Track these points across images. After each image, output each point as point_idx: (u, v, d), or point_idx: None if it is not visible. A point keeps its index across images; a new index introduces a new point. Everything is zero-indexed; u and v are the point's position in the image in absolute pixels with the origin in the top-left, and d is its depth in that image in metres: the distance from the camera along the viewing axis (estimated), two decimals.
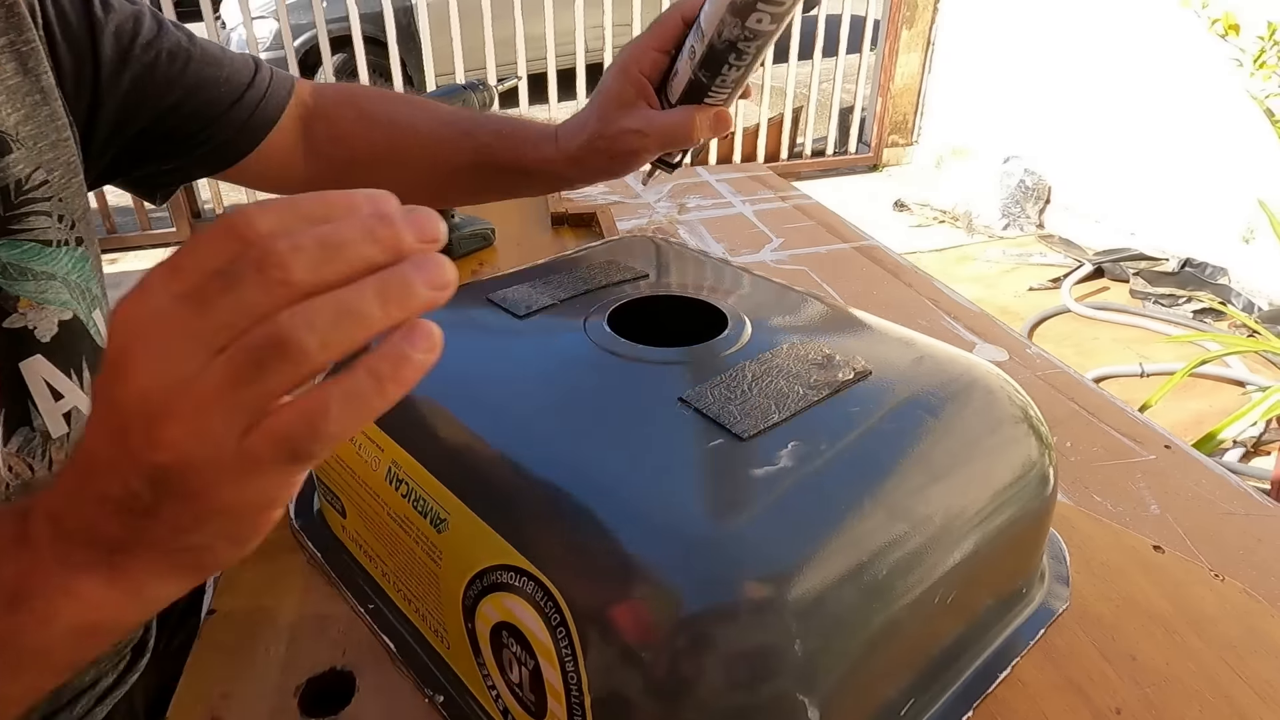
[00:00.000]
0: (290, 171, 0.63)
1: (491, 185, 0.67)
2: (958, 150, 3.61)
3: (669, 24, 0.53)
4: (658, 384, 0.40)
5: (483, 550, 0.35)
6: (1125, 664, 0.42)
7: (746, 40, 0.47)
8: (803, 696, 0.31)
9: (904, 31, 3.65)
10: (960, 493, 0.37)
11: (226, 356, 0.23)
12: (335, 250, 0.23)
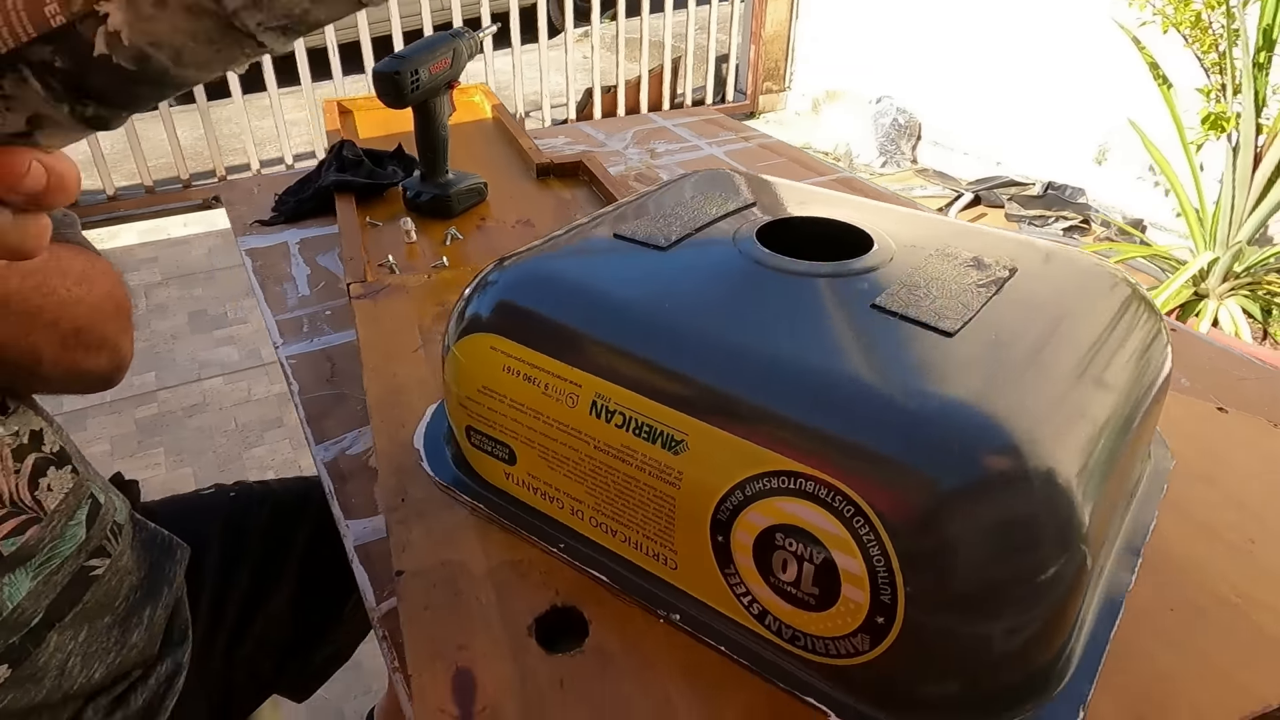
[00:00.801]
0: None
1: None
2: (831, 93, 3.75)
3: None
4: (841, 295, 0.42)
5: (739, 463, 0.36)
6: (1236, 509, 0.48)
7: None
8: (1084, 548, 0.34)
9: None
10: (1134, 360, 0.41)
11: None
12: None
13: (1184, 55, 1.81)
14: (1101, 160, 2.69)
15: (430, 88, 0.82)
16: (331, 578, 0.71)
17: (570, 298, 0.44)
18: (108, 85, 0.23)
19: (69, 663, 0.50)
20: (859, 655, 0.36)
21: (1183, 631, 0.40)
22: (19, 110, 0.24)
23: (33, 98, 0.23)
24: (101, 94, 0.24)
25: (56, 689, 0.50)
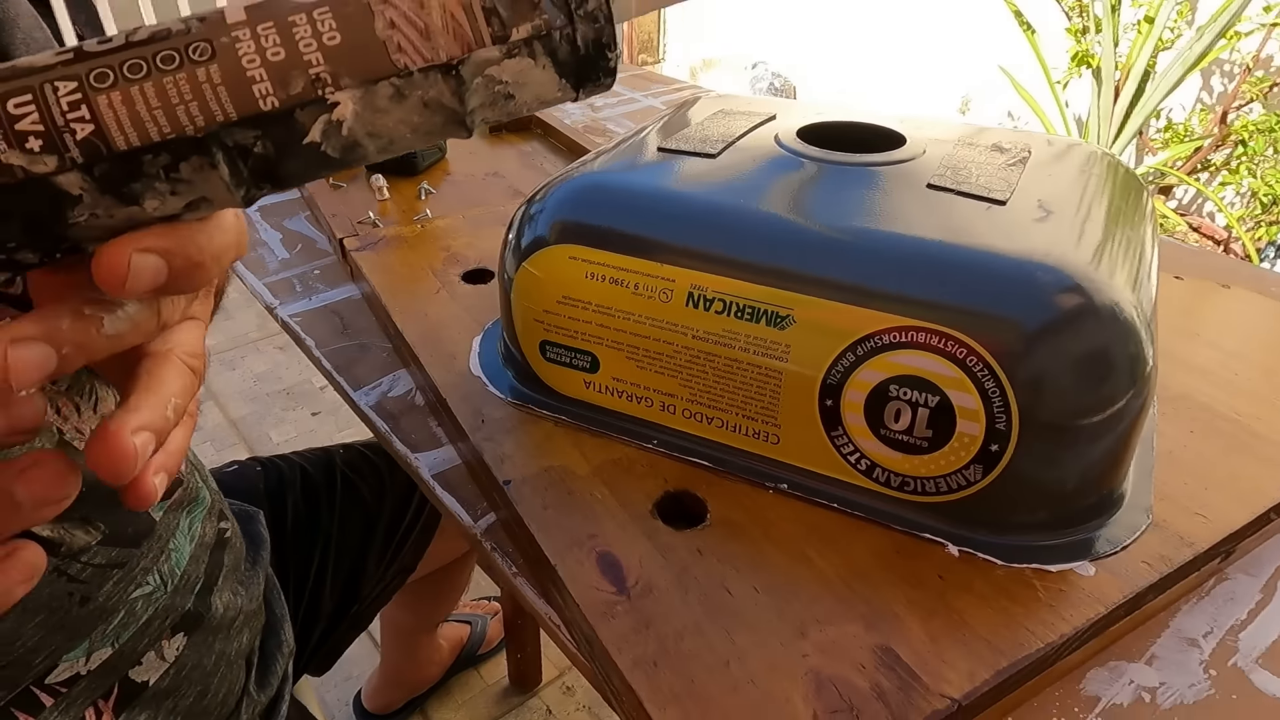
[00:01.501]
0: None
1: None
2: (707, 61, 3.83)
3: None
4: (897, 179, 0.46)
5: (850, 327, 0.39)
6: (1217, 351, 0.55)
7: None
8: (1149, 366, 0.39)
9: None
10: (1143, 215, 0.47)
11: None
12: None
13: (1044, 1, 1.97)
14: (965, 110, 2.89)
15: None
16: (362, 540, 0.71)
17: (648, 201, 0.45)
18: (299, 170, 0.21)
19: (232, 625, 0.50)
20: (967, 488, 0.40)
21: (1203, 446, 0.47)
22: (185, 194, 0.20)
23: (214, 183, 0.20)
24: (286, 178, 0.21)
25: (223, 655, 0.49)
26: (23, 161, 0.18)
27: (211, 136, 0.20)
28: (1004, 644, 0.36)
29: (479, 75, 0.21)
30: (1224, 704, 0.37)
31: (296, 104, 0.20)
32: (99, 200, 0.20)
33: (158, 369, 0.22)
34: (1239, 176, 1.80)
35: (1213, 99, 2.03)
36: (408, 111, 0.21)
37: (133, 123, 0.19)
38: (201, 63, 0.19)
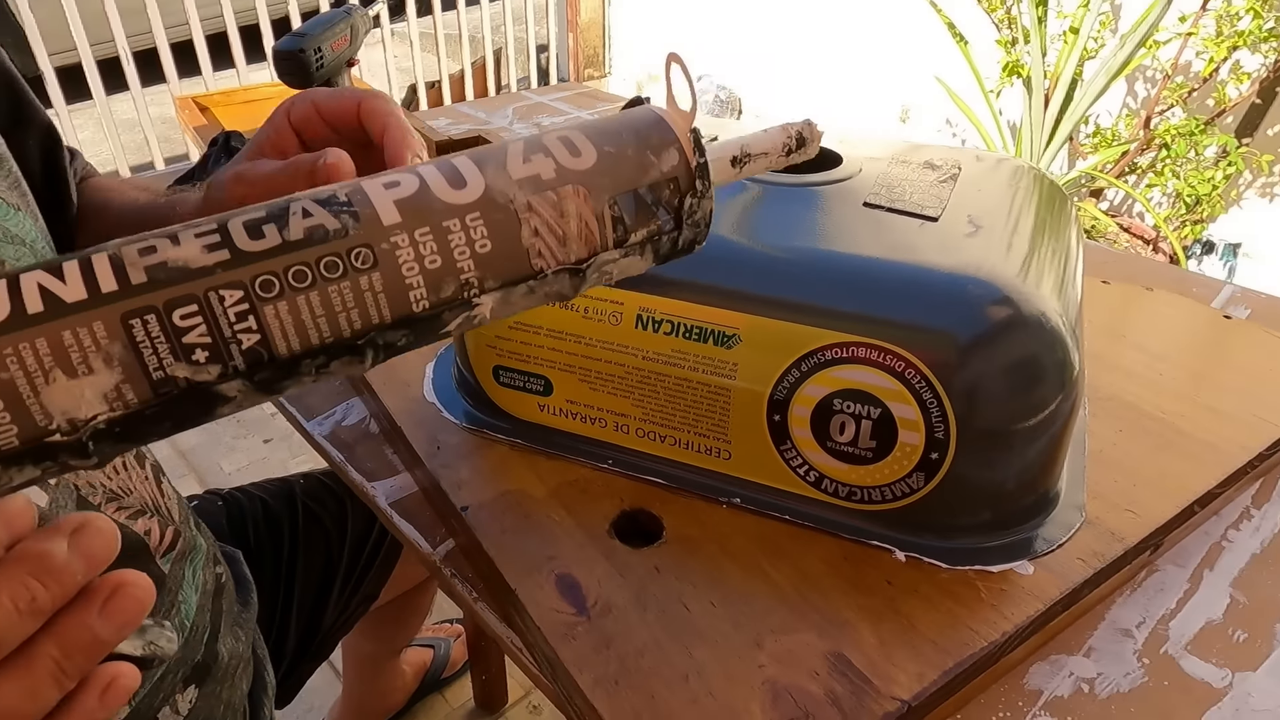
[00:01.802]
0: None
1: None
2: (653, 75, 3.87)
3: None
4: (836, 199, 0.48)
5: (794, 344, 0.41)
6: (1142, 353, 0.58)
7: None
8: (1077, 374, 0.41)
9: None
10: (1067, 226, 0.50)
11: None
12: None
13: (976, 14, 2.03)
14: (905, 119, 2.96)
15: (334, 66, 0.80)
16: (326, 571, 0.70)
17: None
18: (414, 346, 0.22)
19: (236, 672, 0.50)
20: (911, 495, 0.42)
21: (1131, 445, 0.49)
22: (320, 380, 0.21)
23: (352, 370, 0.22)
24: (393, 354, 0.22)
25: (229, 704, 0.49)
26: (187, 373, 0.19)
27: (367, 339, 0.21)
28: (950, 644, 0.37)
29: (597, 270, 0.23)
30: (1156, 690, 0.39)
31: (445, 306, 0.21)
32: (249, 398, 0.20)
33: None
34: (1164, 178, 1.88)
35: (1138, 104, 2.11)
36: (532, 302, 0.23)
37: (296, 331, 0.20)
38: (364, 270, 0.20)
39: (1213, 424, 0.51)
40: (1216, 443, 0.49)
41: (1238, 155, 1.80)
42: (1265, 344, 0.59)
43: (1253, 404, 0.52)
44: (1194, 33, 1.77)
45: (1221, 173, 1.80)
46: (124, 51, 2.57)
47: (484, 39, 3.58)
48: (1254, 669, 0.40)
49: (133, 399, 0.18)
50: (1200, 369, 0.56)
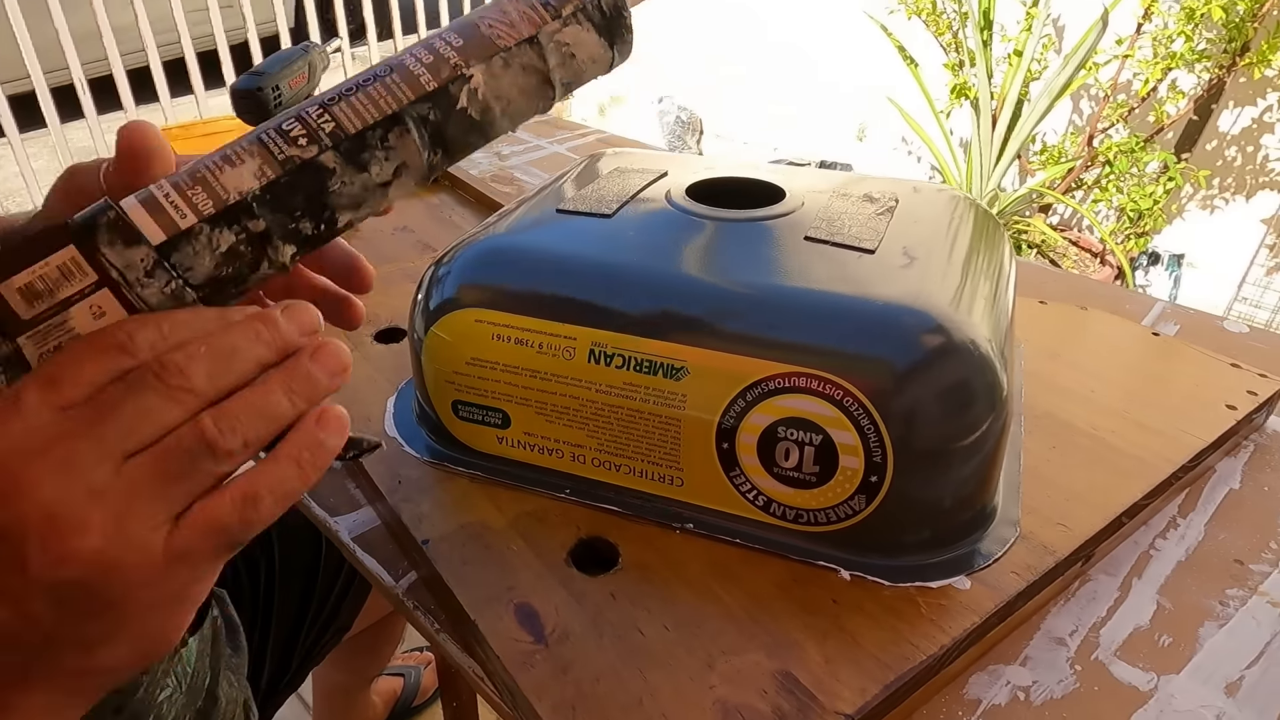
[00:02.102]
0: None
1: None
2: (615, 98, 3.91)
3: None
4: (777, 232, 0.50)
5: (739, 375, 0.43)
6: (1076, 370, 0.61)
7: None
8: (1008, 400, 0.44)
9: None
10: (998, 254, 0.52)
11: (150, 459, 0.24)
12: (228, 356, 0.25)
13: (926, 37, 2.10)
14: (861, 137, 3.03)
15: (291, 103, 0.81)
16: (301, 603, 0.70)
17: (548, 264, 0.48)
18: (456, 134, 0.32)
19: (233, 717, 0.49)
20: (854, 517, 0.44)
21: (1064, 461, 0.52)
22: (394, 160, 0.31)
23: (410, 148, 0.31)
24: (449, 143, 0.32)
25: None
26: (297, 152, 0.29)
27: (403, 111, 0.30)
28: (891, 659, 0.39)
29: (550, 41, 0.33)
30: (1088, 695, 0.41)
31: (448, 81, 0.31)
32: (345, 170, 0.30)
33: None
34: (1109, 194, 1.94)
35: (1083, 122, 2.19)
36: (514, 74, 0.32)
37: (355, 114, 0.30)
38: (386, 75, 0.31)
39: (1141, 438, 0.54)
40: (1144, 456, 0.52)
41: (1177, 170, 1.88)
42: (1190, 360, 0.63)
43: (1178, 418, 0.55)
44: (1130, 54, 1.84)
45: (1162, 187, 1.87)
46: (79, 80, 2.55)
47: None
48: (1177, 671, 0.42)
49: (269, 174, 0.29)
50: (1130, 385, 0.60)
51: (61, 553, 0.23)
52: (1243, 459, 0.57)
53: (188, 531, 0.24)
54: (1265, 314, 2.00)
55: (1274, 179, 2.02)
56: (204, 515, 0.24)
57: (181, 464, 0.24)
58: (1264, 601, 0.46)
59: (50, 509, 0.23)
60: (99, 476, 0.23)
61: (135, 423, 0.24)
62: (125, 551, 0.23)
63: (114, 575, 0.24)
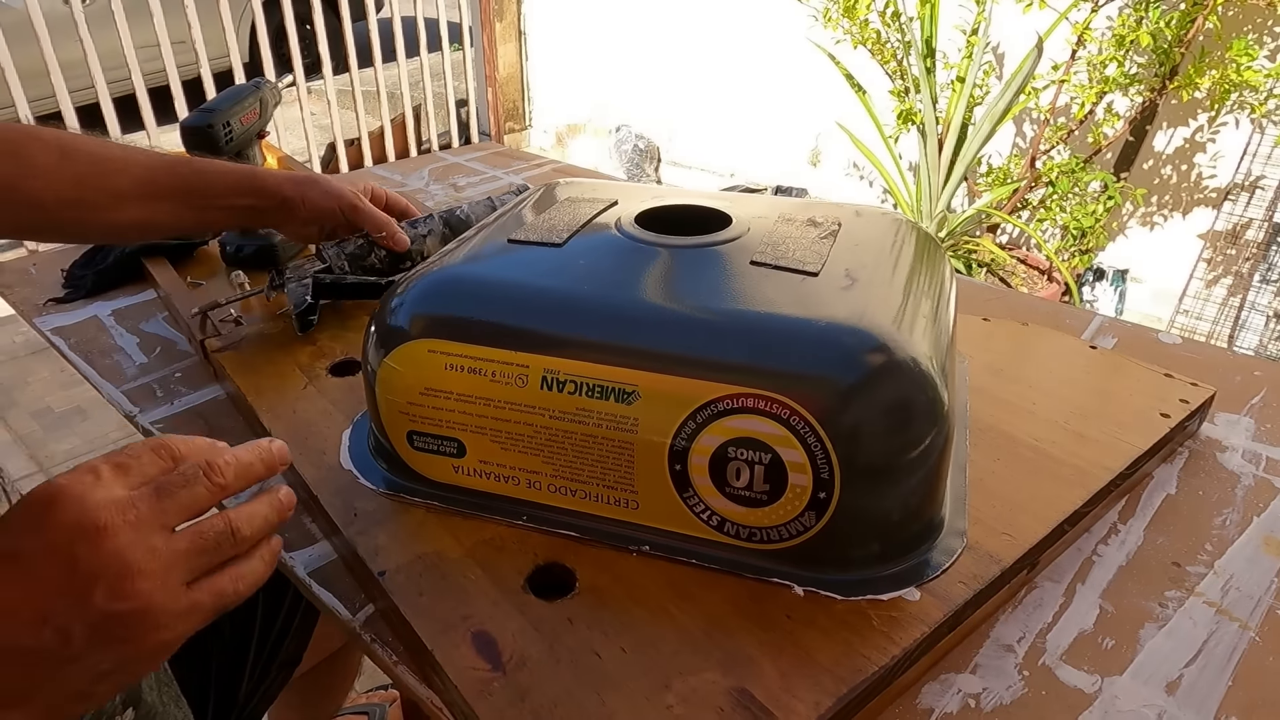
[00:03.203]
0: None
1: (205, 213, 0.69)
2: (573, 127, 3.95)
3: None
4: (724, 258, 0.51)
5: (689, 398, 0.44)
6: (1018, 384, 0.63)
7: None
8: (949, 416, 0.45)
9: (497, 24, 3.86)
10: (938, 275, 0.54)
11: (191, 534, 0.34)
12: (245, 470, 0.37)
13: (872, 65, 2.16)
14: (816, 162, 3.09)
15: (243, 139, 0.81)
16: (240, 639, 0.69)
17: (499, 293, 0.49)
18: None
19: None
20: (805, 533, 0.45)
21: (1008, 472, 0.53)
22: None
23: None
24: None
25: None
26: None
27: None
28: (844, 671, 0.40)
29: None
30: (1035, 699, 0.42)
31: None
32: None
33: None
34: (1053, 213, 2.01)
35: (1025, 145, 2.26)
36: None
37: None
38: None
39: (1080, 448, 0.55)
40: (1083, 465, 0.54)
41: (1116, 189, 1.94)
42: (1126, 371, 0.65)
43: (1115, 427, 0.57)
44: (1067, 79, 1.91)
45: (1103, 206, 1.94)
46: (25, 118, 2.51)
47: (403, 95, 3.60)
48: (1120, 673, 0.43)
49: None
50: (1070, 397, 0.62)
51: (122, 590, 0.30)
52: (1178, 465, 0.59)
53: (203, 592, 0.33)
54: (1206, 325, 2.07)
55: (1208, 196, 2.10)
56: (215, 582, 0.34)
57: (212, 542, 0.34)
58: (1200, 602, 0.48)
59: (123, 555, 0.30)
60: (157, 540, 0.32)
61: (184, 505, 0.33)
62: (165, 599, 0.31)
63: (149, 616, 0.31)
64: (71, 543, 0.30)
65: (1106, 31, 1.88)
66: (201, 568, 0.33)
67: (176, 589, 0.32)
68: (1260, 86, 1.77)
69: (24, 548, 0.30)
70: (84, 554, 0.30)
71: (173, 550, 0.32)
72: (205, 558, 0.34)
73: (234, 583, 0.35)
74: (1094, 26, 1.86)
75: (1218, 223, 2.03)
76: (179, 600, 0.32)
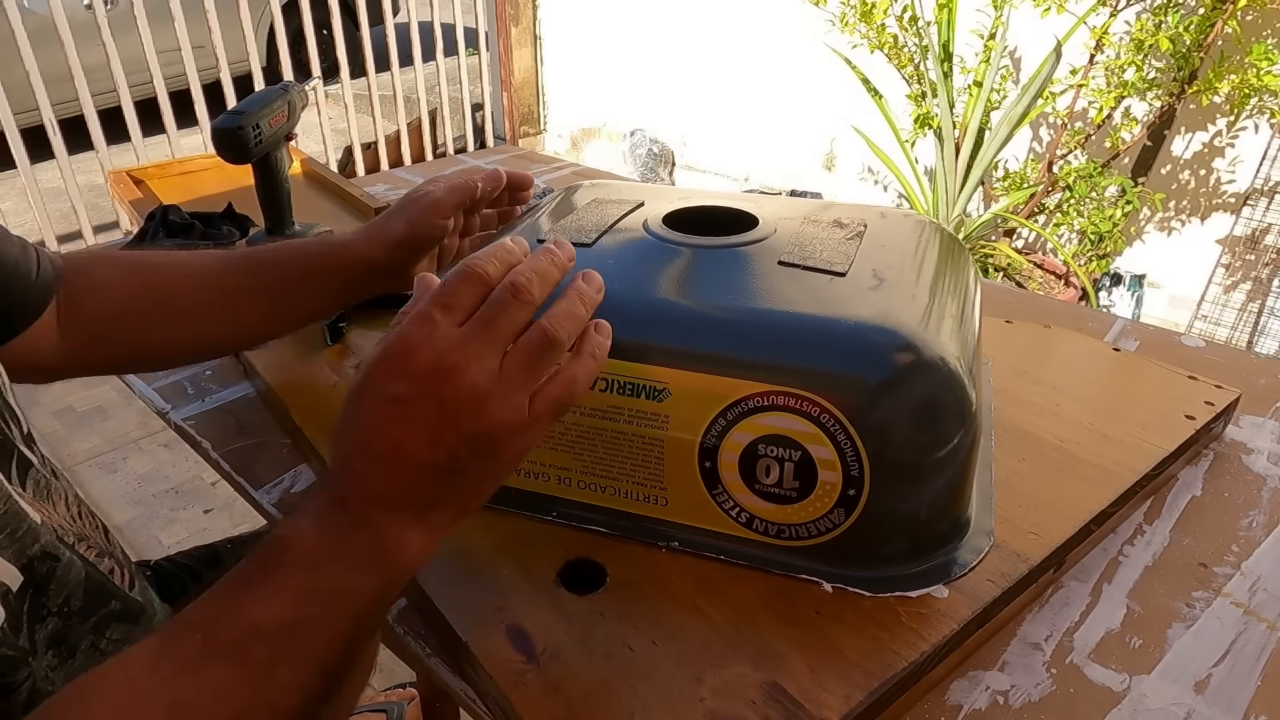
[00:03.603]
0: (43, 346, 0.56)
1: (287, 297, 0.62)
2: (587, 131, 3.96)
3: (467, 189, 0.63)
4: (752, 258, 0.52)
5: (719, 395, 0.44)
6: (1041, 386, 0.63)
7: None
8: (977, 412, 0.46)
9: (513, 29, 3.88)
10: (963, 276, 0.55)
11: (517, 352, 0.37)
12: (544, 276, 0.38)
13: (889, 69, 2.16)
14: (830, 167, 3.09)
15: (272, 141, 0.83)
16: None
17: None
18: None
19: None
20: (834, 530, 0.45)
21: (1033, 472, 0.54)
22: None
23: None
24: None
25: None
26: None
27: None
28: (874, 667, 0.40)
29: None
30: (1064, 697, 0.42)
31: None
32: None
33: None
34: (1070, 218, 2.00)
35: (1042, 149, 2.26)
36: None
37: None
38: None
39: (1105, 449, 0.56)
40: (1109, 466, 0.54)
41: (1134, 194, 1.94)
42: (1150, 373, 0.65)
43: (1139, 429, 0.58)
44: (1085, 84, 1.91)
45: (1120, 210, 1.93)
46: (49, 122, 2.54)
47: (419, 100, 3.63)
48: (1148, 672, 0.44)
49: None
50: (1093, 399, 0.62)
51: (480, 413, 0.35)
52: (1203, 467, 0.59)
53: (541, 402, 0.37)
54: (1225, 331, 2.06)
55: (1226, 201, 2.09)
56: (549, 391, 0.37)
57: (536, 354, 0.37)
58: (1228, 602, 0.48)
59: (474, 386, 0.35)
60: (494, 365, 0.36)
61: (507, 328, 0.36)
62: (513, 415, 0.36)
63: (503, 431, 0.36)
64: (436, 383, 0.35)
65: (1125, 36, 1.88)
66: (538, 377, 0.37)
67: (520, 404, 0.36)
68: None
69: (401, 392, 0.35)
70: (447, 392, 0.35)
71: (508, 371, 0.36)
72: (538, 368, 0.37)
73: (567, 388, 0.38)
74: (1112, 31, 1.86)
75: (1236, 228, 2.02)
76: (522, 413, 0.36)
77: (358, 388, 0.37)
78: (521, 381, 0.37)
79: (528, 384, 0.37)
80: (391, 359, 0.36)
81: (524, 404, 0.37)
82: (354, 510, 0.35)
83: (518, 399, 0.36)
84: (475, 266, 0.37)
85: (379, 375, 0.36)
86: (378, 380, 0.36)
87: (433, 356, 0.35)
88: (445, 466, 0.36)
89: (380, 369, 0.36)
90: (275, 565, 0.35)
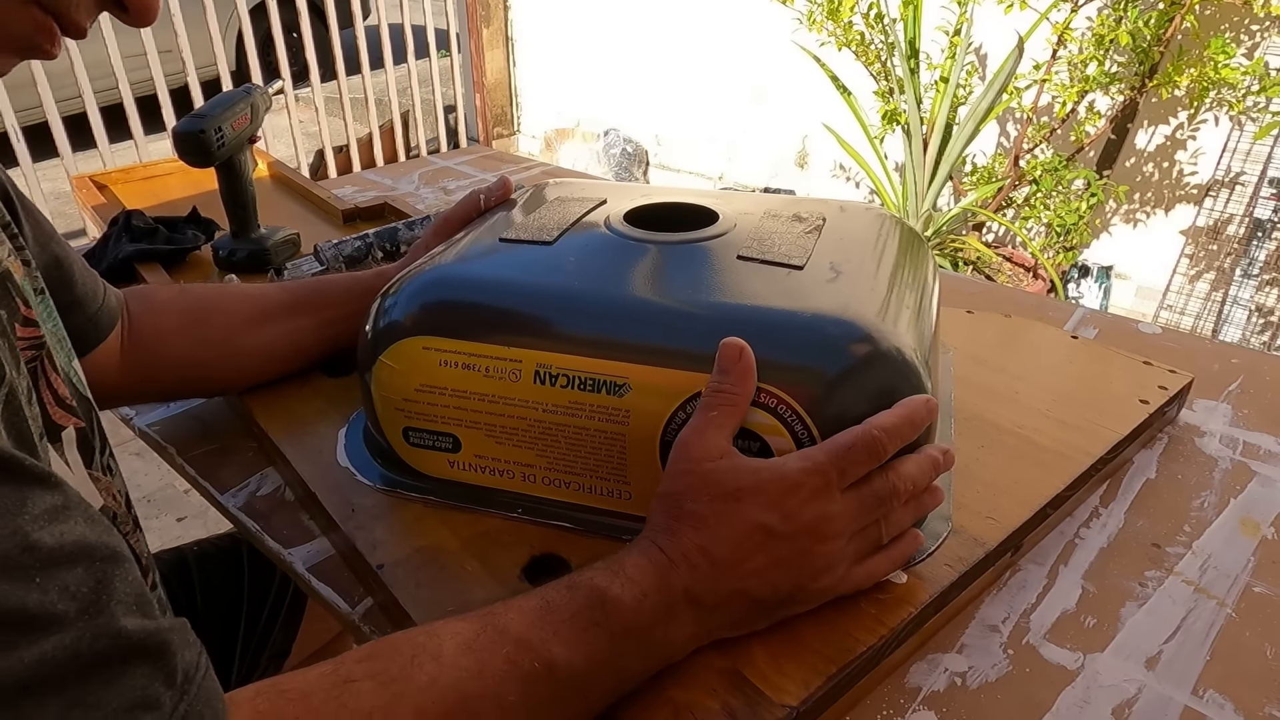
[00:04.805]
0: (108, 366, 0.59)
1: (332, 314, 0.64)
2: (561, 131, 3.96)
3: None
4: (711, 253, 0.52)
5: (678, 389, 0.45)
6: (1001, 374, 0.64)
7: None
8: None
9: (484, 30, 3.87)
10: (921, 267, 0.56)
11: (863, 537, 0.42)
12: (895, 433, 0.42)
13: (857, 67, 2.18)
14: (803, 164, 3.11)
15: (235, 144, 0.82)
16: (227, 630, 0.70)
17: (493, 290, 0.50)
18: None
19: None
20: None
21: (991, 459, 0.55)
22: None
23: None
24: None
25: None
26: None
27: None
28: (833, 652, 0.41)
29: None
30: (1020, 677, 0.43)
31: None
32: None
33: None
34: (1037, 211, 2.03)
35: (1009, 144, 2.29)
36: None
37: None
38: None
39: (1061, 434, 0.57)
40: (1065, 451, 0.55)
41: (1099, 187, 1.97)
42: (1106, 359, 0.67)
43: (1095, 414, 0.59)
44: (1048, 79, 1.94)
45: (1086, 203, 1.96)
46: (13, 129, 2.50)
47: (390, 102, 3.61)
48: (1102, 650, 0.45)
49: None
50: (1051, 386, 0.63)
51: (822, 576, 0.41)
52: (1158, 450, 0.61)
53: (851, 580, 0.43)
54: (1190, 320, 2.10)
55: (1189, 192, 2.13)
56: (875, 565, 0.43)
57: (871, 501, 0.42)
58: (1179, 581, 0.49)
59: (830, 555, 0.41)
60: (856, 525, 0.41)
61: (876, 515, 0.42)
62: (835, 584, 0.42)
63: (820, 595, 0.42)
64: (808, 538, 0.40)
65: (1086, 31, 1.91)
66: (864, 522, 0.41)
67: (842, 575, 0.42)
68: (1238, 84, 1.80)
69: (774, 526, 0.39)
70: (812, 549, 0.40)
71: (854, 548, 0.42)
72: (868, 515, 0.41)
73: (868, 577, 0.43)
74: (1074, 26, 1.89)
75: (1199, 219, 2.06)
76: (837, 582, 0.42)
77: (731, 487, 0.40)
78: (851, 559, 0.42)
79: (856, 526, 0.41)
80: (784, 492, 0.40)
81: (843, 575, 0.42)
82: (671, 597, 0.39)
83: (844, 571, 0.42)
84: (878, 444, 0.41)
85: (761, 498, 0.39)
86: (758, 501, 0.40)
87: (818, 516, 0.40)
88: (763, 600, 0.40)
89: (768, 492, 0.40)
90: (591, 621, 0.37)
